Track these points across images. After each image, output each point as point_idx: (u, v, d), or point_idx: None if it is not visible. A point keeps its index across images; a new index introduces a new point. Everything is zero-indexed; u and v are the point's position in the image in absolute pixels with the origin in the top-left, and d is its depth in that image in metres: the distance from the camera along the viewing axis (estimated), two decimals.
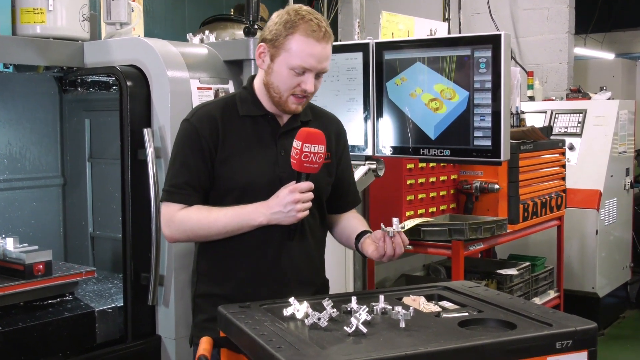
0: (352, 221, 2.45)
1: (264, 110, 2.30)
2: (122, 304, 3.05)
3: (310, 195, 2.16)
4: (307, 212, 2.17)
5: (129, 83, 2.94)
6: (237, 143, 2.25)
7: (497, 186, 4.59)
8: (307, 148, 2.10)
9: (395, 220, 2.17)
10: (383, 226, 2.17)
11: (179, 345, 3.03)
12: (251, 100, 2.31)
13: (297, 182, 2.16)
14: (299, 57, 2.18)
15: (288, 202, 2.14)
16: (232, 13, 4.59)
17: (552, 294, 5.13)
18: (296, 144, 2.12)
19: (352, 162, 3.14)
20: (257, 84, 2.32)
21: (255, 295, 2.17)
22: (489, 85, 2.80)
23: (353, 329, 1.77)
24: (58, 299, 3.05)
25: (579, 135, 5.86)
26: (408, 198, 4.34)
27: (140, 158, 2.95)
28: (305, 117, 2.35)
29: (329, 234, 2.50)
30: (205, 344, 1.91)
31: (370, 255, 2.23)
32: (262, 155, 2.26)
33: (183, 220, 2.22)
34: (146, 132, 2.92)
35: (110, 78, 3.31)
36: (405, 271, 4.85)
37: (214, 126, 2.24)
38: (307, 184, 2.15)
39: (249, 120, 2.28)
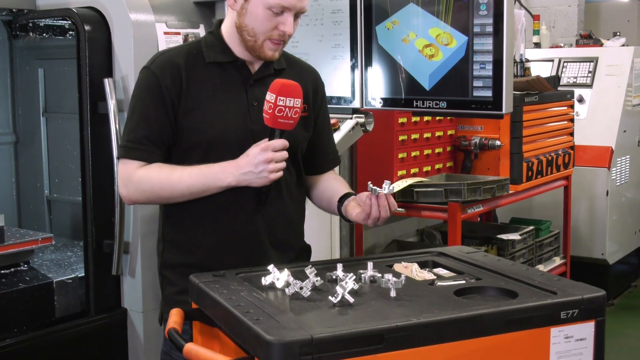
0: (333, 182, 2.45)
1: (233, 56, 2.28)
2: (83, 274, 3.06)
3: (285, 154, 2.16)
4: (280, 174, 2.16)
5: (87, 27, 2.91)
6: (202, 92, 2.23)
7: (498, 142, 4.60)
8: (282, 101, 2.09)
9: (386, 182, 2.17)
10: (370, 185, 2.17)
11: (147, 319, 3.05)
12: (219, 46, 2.29)
13: (270, 139, 2.15)
14: None
15: (260, 162, 2.13)
16: None
17: (557, 260, 5.19)
18: (269, 97, 2.10)
19: (338, 116, 3.15)
20: (226, 28, 2.30)
21: (229, 263, 2.17)
22: (490, 29, 2.79)
23: (339, 298, 1.78)
24: (12, 269, 3.05)
25: (589, 86, 5.86)
26: (400, 156, 4.35)
27: (101, 112, 2.93)
28: (279, 66, 2.33)
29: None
30: (175, 317, 1.92)
31: (354, 218, 2.24)
32: (232, 105, 2.25)
33: (142, 180, 2.21)
34: (107, 82, 2.90)
35: (66, 22, 3.27)
36: (396, 237, 4.88)
37: (177, 74, 2.22)
38: (281, 142, 2.14)
39: (216, 68, 2.27)
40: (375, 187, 2.16)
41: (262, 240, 2.28)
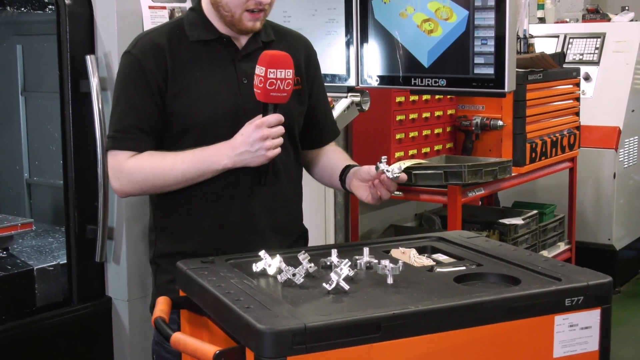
0: (333, 155, 2.45)
1: (217, 33, 2.27)
2: (65, 262, 3.05)
3: (281, 129, 2.15)
4: (278, 150, 2.16)
5: (67, 1, 2.90)
6: (189, 73, 2.23)
7: (500, 122, 4.61)
8: (272, 74, 2.08)
9: (395, 166, 2.16)
10: (383, 166, 2.15)
11: (133, 308, 3.05)
12: (201, 23, 2.28)
13: (263, 115, 2.14)
14: None
15: (255, 140, 2.12)
16: None
17: (562, 246, 5.21)
18: (259, 70, 2.10)
19: (333, 95, 3.14)
20: (206, 4, 2.29)
21: (226, 250, 2.17)
22: (492, 3, 2.78)
23: (333, 285, 1.78)
24: None
25: (596, 63, 5.86)
26: (397, 136, 4.35)
27: (83, 90, 2.92)
28: (267, 38, 2.32)
29: (307, 176, 2.50)
30: (162, 305, 1.92)
31: (364, 200, 2.26)
32: (221, 85, 2.24)
33: (134, 170, 2.20)
34: (89, 59, 2.89)
35: None
36: (394, 221, 4.89)
37: (161, 56, 2.21)
38: (276, 117, 2.14)
39: (201, 46, 2.26)
40: (386, 168, 2.14)
41: (260, 225, 2.28)
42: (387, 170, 2.13)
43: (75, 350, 3.04)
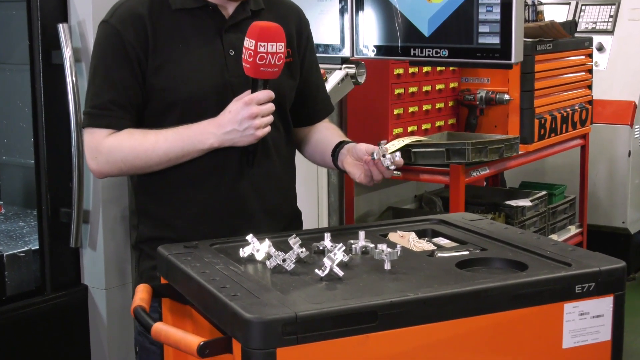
0: (327, 132, 2.46)
1: (202, 1, 2.26)
2: (37, 247, 3.06)
3: (271, 107, 2.15)
4: (267, 129, 2.16)
5: None
6: (172, 45, 2.22)
7: (506, 97, 4.60)
8: (263, 47, 2.08)
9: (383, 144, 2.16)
10: (382, 150, 2.14)
11: (111, 296, 3.06)
12: None
13: (252, 92, 2.14)
14: None
15: (244, 118, 2.12)
16: None
17: (573, 229, 5.22)
18: (248, 43, 2.09)
19: (326, 66, 3.14)
20: None
21: (214, 234, 2.18)
22: None
23: (326, 272, 1.79)
24: None
25: (611, 32, 5.86)
26: (396, 112, 4.34)
27: (55, 62, 2.92)
28: (256, 6, 2.32)
29: (299, 156, 2.50)
30: (142, 293, 1.93)
31: (357, 180, 2.26)
32: (206, 57, 2.23)
33: (113, 149, 2.20)
34: (61, 28, 2.88)
35: None
36: (392, 203, 4.89)
37: (141, 26, 2.20)
38: (266, 93, 2.14)
39: (184, 15, 2.25)
40: (384, 148, 2.14)
41: (249, 207, 2.29)
42: (383, 156, 2.13)
43: (49, 342, 3.05)
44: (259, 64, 2.09)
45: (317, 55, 2.54)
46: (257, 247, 1.94)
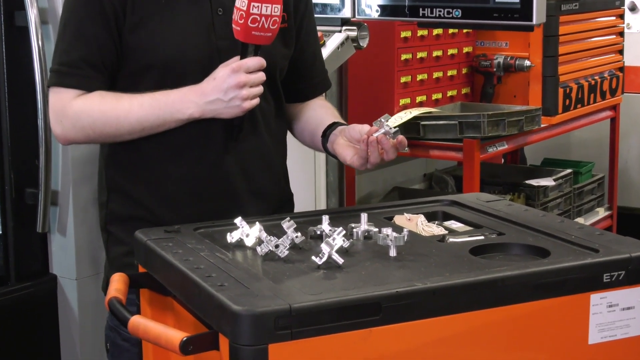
0: (320, 110, 2.45)
1: None
2: (0, 232, 3.06)
3: (261, 76, 2.15)
4: (256, 101, 2.16)
5: None
6: (153, 0, 2.21)
7: (527, 62, 4.60)
8: (256, 9, 2.07)
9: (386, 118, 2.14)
10: (384, 121, 2.12)
11: (82, 287, 3.07)
12: None
13: (241, 58, 2.14)
14: None
15: (230, 87, 2.12)
16: None
17: (601, 212, 5.23)
18: (240, 2, 2.09)
19: (323, 29, 3.13)
20: None
21: (193, 216, 2.18)
22: None
23: (324, 259, 1.79)
24: None
25: None
26: (403, 80, 4.34)
27: (19, 24, 2.91)
28: None
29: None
30: (117, 284, 1.93)
31: (349, 162, 2.24)
32: (191, 16, 2.23)
33: (80, 113, 2.20)
34: None
35: None
36: (398, 183, 4.90)
37: None
38: (257, 60, 2.14)
39: None
40: (383, 120, 2.11)
41: (234, 187, 2.29)
42: (386, 125, 2.10)
43: (14, 336, 3.06)
44: (251, 27, 2.09)
45: (315, 16, 2.53)
46: (246, 232, 1.95)
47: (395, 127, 2.11)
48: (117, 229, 2.33)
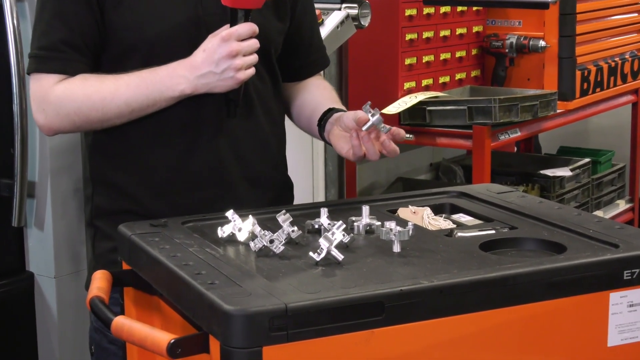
0: (317, 92, 2.46)
1: None
2: None
3: (254, 43, 2.14)
4: (251, 71, 2.16)
5: None
6: None
7: (542, 43, 4.60)
8: None
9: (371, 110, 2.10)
10: (369, 109, 2.10)
11: (61, 286, 3.07)
12: None
13: (231, 26, 2.14)
14: None
15: (222, 57, 2.12)
16: None
17: (622, 204, 5.24)
18: None
19: (322, 6, 3.13)
20: None
21: (184, 207, 2.19)
22: None
23: (322, 255, 1.79)
24: None
25: None
26: (407, 62, 4.34)
27: None
28: None
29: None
30: (99, 282, 1.93)
31: (344, 155, 2.24)
32: None
33: (64, 98, 2.20)
34: None
35: None
36: (402, 173, 4.91)
37: None
38: (248, 26, 2.13)
39: None
40: (371, 111, 2.08)
41: (229, 174, 2.29)
42: (372, 116, 2.08)
43: None
44: None
45: None
46: (238, 226, 1.95)
47: (378, 114, 2.08)
48: (104, 223, 2.33)
